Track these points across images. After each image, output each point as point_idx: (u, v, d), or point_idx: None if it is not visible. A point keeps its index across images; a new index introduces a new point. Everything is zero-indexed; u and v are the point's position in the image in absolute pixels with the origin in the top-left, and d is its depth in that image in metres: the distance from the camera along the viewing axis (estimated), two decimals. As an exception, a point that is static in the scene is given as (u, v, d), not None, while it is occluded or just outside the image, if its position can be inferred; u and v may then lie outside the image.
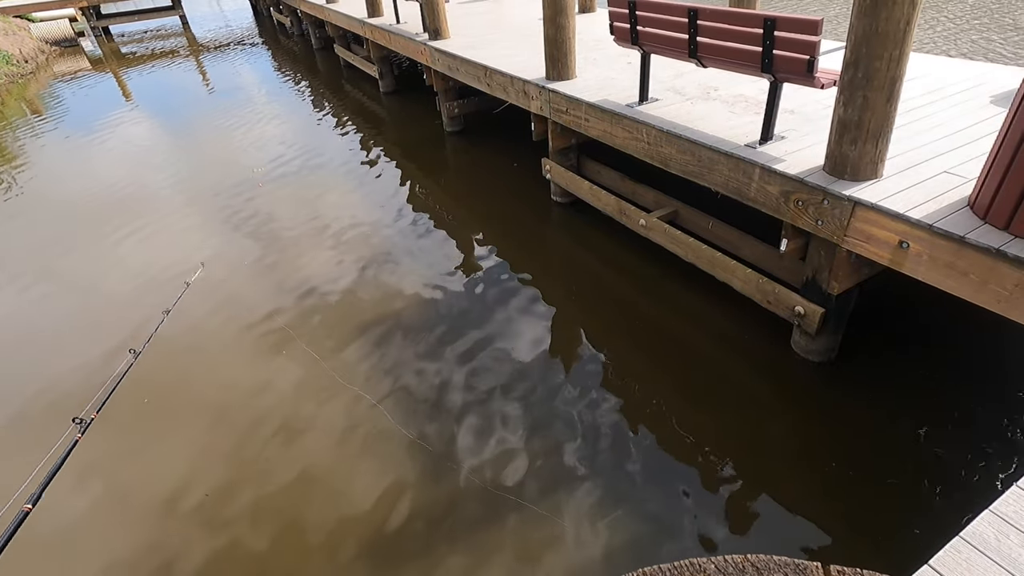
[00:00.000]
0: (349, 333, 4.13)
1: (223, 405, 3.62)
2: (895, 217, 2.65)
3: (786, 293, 3.39)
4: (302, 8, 12.72)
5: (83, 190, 7.11)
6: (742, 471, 2.89)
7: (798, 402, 3.26)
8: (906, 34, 2.51)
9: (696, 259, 4.00)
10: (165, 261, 5.29)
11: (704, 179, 3.66)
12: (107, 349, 4.23)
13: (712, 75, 4.73)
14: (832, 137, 2.93)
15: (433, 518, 2.82)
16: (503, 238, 5.16)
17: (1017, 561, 1.30)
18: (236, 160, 7.55)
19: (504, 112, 7.93)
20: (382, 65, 9.28)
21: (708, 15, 3.34)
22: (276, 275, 4.93)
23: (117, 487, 3.17)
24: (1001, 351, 3.41)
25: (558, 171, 5.31)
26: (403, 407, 3.46)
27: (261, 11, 20.59)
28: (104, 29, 19.36)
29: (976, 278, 2.44)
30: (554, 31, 4.77)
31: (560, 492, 2.88)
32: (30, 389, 3.94)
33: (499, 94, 5.75)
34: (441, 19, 6.90)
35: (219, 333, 4.29)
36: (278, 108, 9.57)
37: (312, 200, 6.23)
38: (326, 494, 3.00)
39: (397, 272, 4.80)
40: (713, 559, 1.21)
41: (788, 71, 3.05)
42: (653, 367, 3.59)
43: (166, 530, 2.90)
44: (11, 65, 14.33)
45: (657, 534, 2.66)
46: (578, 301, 4.25)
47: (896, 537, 2.54)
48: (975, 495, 2.65)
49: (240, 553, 2.76)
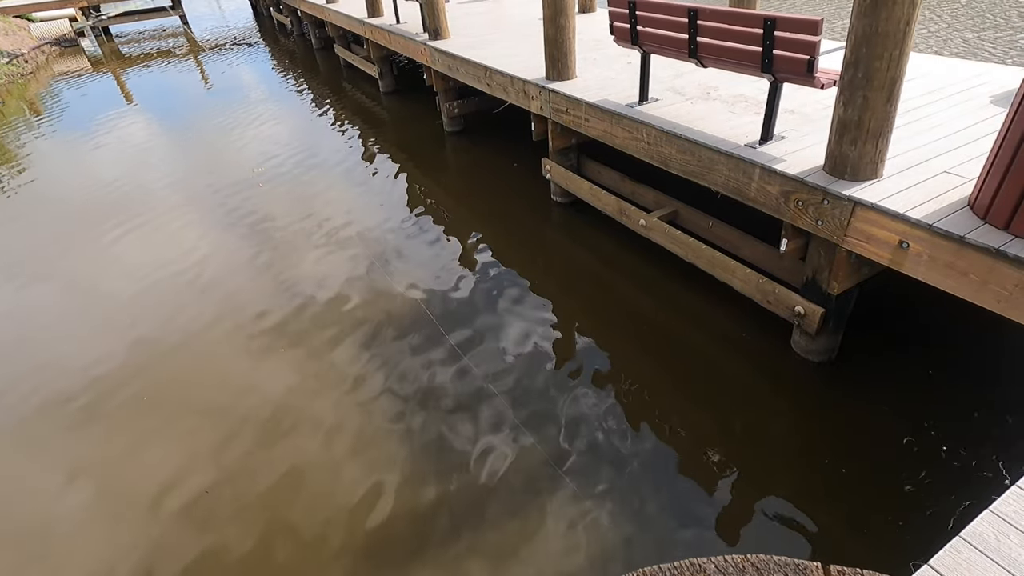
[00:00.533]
0: (348, 332, 4.12)
1: (218, 403, 3.62)
2: (895, 217, 2.65)
3: (786, 293, 3.39)
4: (302, 8, 12.72)
5: (82, 190, 7.11)
6: (742, 471, 2.89)
7: (798, 402, 3.26)
8: (906, 34, 2.51)
9: (696, 259, 4.00)
10: (163, 260, 5.29)
11: (704, 179, 3.66)
12: (105, 348, 4.23)
13: (712, 75, 4.73)
14: (832, 137, 2.93)
15: (425, 517, 2.82)
16: (503, 238, 5.16)
17: (1017, 561, 1.30)
18: (236, 160, 7.55)
19: (504, 112, 7.93)
20: (382, 65, 9.28)
21: (708, 15, 3.34)
22: (274, 273, 4.93)
23: (112, 482, 3.17)
24: (1001, 351, 3.41)
25: (558, 171, 5.31)
26: (402, 405, 3.46)
27: (261, 11, 20.58)
28: (104, 29, 19.35)
29: (976, 278, 2.44)
30: (554, 31, 4.77)
31: (558, 492, 2.88)
32: (25, 387, 3.94)
33: (499, 94, 5.75)
34: (441, 19, 6.91)
35: (217, 331, 4.29)
36: (278, 108, 9.57)
37: (311, 199, 6.23)
38: (317, 491, 3.00)
39: (396, 271, 4.80)
40: (713, 559, 1.21)
41: (788, 71, 3.05)
42: (653, 367, 3.59)
43: (157, 526, 2.90)
44: (11, 65, 14.33)
45: (657, 534, 2.66)
46: (578, 301, 4.25)
47: (896, 537, 2.54)
48: (975, 495, 2.65)
49: (229, 550, 2.76)
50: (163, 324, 4.42)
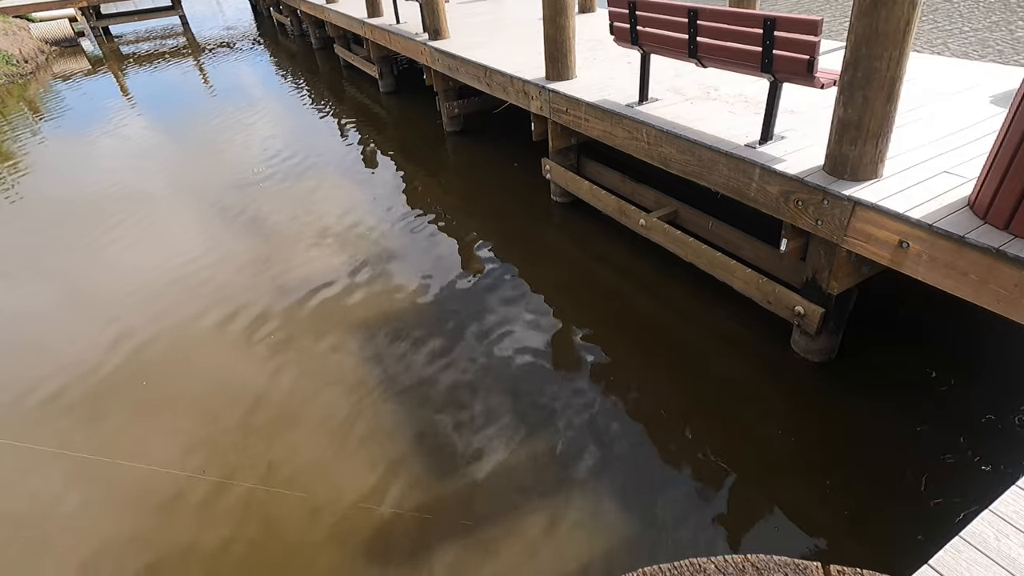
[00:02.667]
0: (348, 330, 4.12)
1: (217, 398, 3.62)
2: (895, 217, 2.65)
3: (786, 293, 3.39)
4: (302, 8, 12.72)
5: (82, 189, 7.10)
6: (742, 471, 2.89)
7: (798, 402, 3.26)
8: (906, 34, 2.51)
9: (696, 259, 4.00)
10: (162, 258, 5.29)
11: (704, 179, 3.66)
12: (102, 347, 4.23)
13: (712, 75, 4.73)
14: (832, 137, 2.93)
15: (421, 515, 2.81)
16: (503, 238, 5.16)
17: (1017, 561, 1.31)
18: (236, 159, 7.55)
19: (504, 112, 7.93)
20: (382, 65, 9.28)
21: (708, 15, 3.34)
22: (273, 272, 4.93)
23: (108, 473, 3.18)
24: (1001, 351, 3.41)
25: (558, 171, 5.31)
26: (399, 403, 3.46)
27: (261, 11, 20.58)
28: (104, 29, 19.35)
29: (976, 278, 2.44)
30: (554, 31, 4.77)
31: (557, 491, 2.88)
32: (19, 387, 3.95)
33: (499, 94, 5.76)
34: (441, 19, 6.91)
35: (215, 330, 4.29)
36: (278, 108, 9.57)
37: (311, 199, 6.23)
38: (311, 488, 3.00)
39: (396, 270, 4.80)
40: (713, 559, 1.21)
41: (788, 71, 3.05)
42: (652, 366, 3.59)
43: (148, 518, 2.91)
44: (11, 65, 14.33)
45: (657, 534, 2.66)
46: (577, 301, 4.25)
47: (896, 537, 2.54)
48: (975, 495, 2.65)
49: (219, 545, 2.77)
50: (162, 323, 4.42)
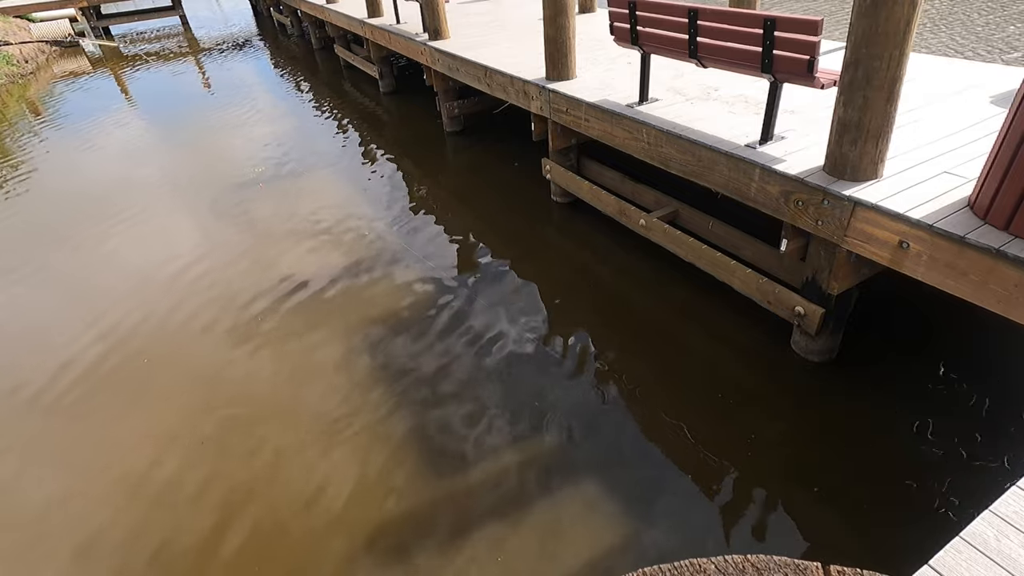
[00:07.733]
0: (348, 328, 4.12)
1: (210, 393, 3.63)
2: (895, 217, 2.65)
3: (786, 293, 3.39)
4: (302, 8, 12.72)
5: (82, 189, 7.10)
6: (742, 470, 2.89)
7: (798, 402, 3.26)
8: (906, 34, 2.51)
9: (696, 259, 4.00)
10: (162, 257, 5.29)
11: (704, 179, 3.66)
12: (94, 342, 4.23)
13: (712, 75, 4.73)
14: (832, 137, 2.93)
15: (416, 513, 2.81)
16: (503, 237, 5.16)
17: (1017, 561, 1.31)
18: (236, 159, 7.55)
19: (504, 112, 7.93)
20: (382, 65, 9.28)
21: (708, 15, 3.34)
22: (272, 271, 4.93)
23: (101, 460, 3.19)
24: (1001, 351, 3.41)
25: (558, 171, 5.32)
26: (395, 399, 3.46)
27: (261, 11, 20.58)
28: (104, 29, 19.35)
29: (976, 278, 2.44)
30: (554, 31, 4.77)
31: (556, 491, 2.88)
32: (10, 383, 3.96)
33: (499, 94, 5.76)
34: (441, 19, 6.91)
35: (211, 326, 4.29)
36: (278, 108, 9.56)
37: (311, 199, 6.23)
38: (305, 485, 3.00)
39: (395, 269, 4.80)
40: (713, 559, 1.21)
41: (788, 71, 3.05)
42: (652, 367, 3.59)
43: (139, 511, 2.91)
44: (11, 65, 14.33)
45: (657, 534, 2.66)
46: (577, 301, 4.25)
47: (896, 537, 2.54)
48: (975, 495, 2.65)
49: (217, 537, 2.77)
50: (159, 318, 4.42)
